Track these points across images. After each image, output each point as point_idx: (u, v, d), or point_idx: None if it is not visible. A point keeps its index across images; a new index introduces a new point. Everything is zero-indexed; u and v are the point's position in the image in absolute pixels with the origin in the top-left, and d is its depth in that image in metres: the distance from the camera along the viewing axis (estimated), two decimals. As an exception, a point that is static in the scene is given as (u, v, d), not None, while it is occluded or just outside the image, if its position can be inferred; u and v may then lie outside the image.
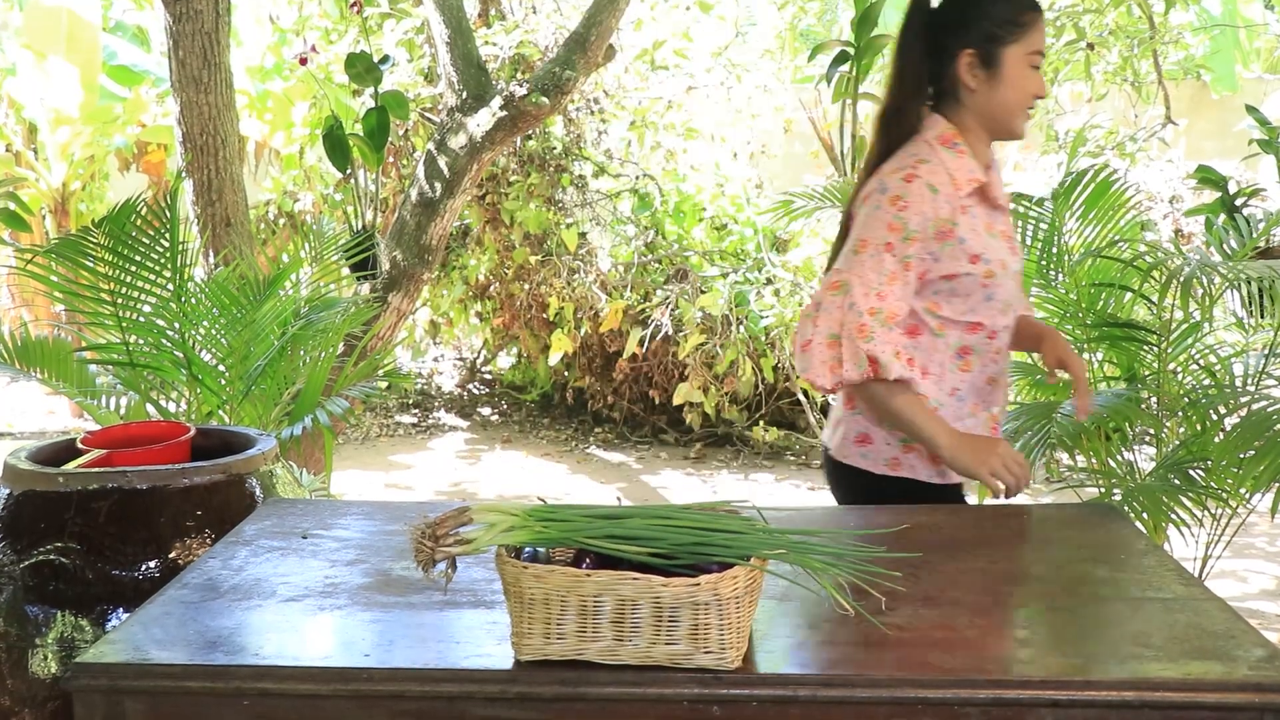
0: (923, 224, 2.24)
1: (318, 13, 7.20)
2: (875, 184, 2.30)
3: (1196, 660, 1.54)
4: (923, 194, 2.24)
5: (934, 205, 2.25)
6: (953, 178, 2.28)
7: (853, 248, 2.26)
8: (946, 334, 2.34)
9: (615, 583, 1.48)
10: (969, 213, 2.29)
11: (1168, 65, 6.92)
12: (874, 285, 2.21)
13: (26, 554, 2.28)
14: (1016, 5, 2.30)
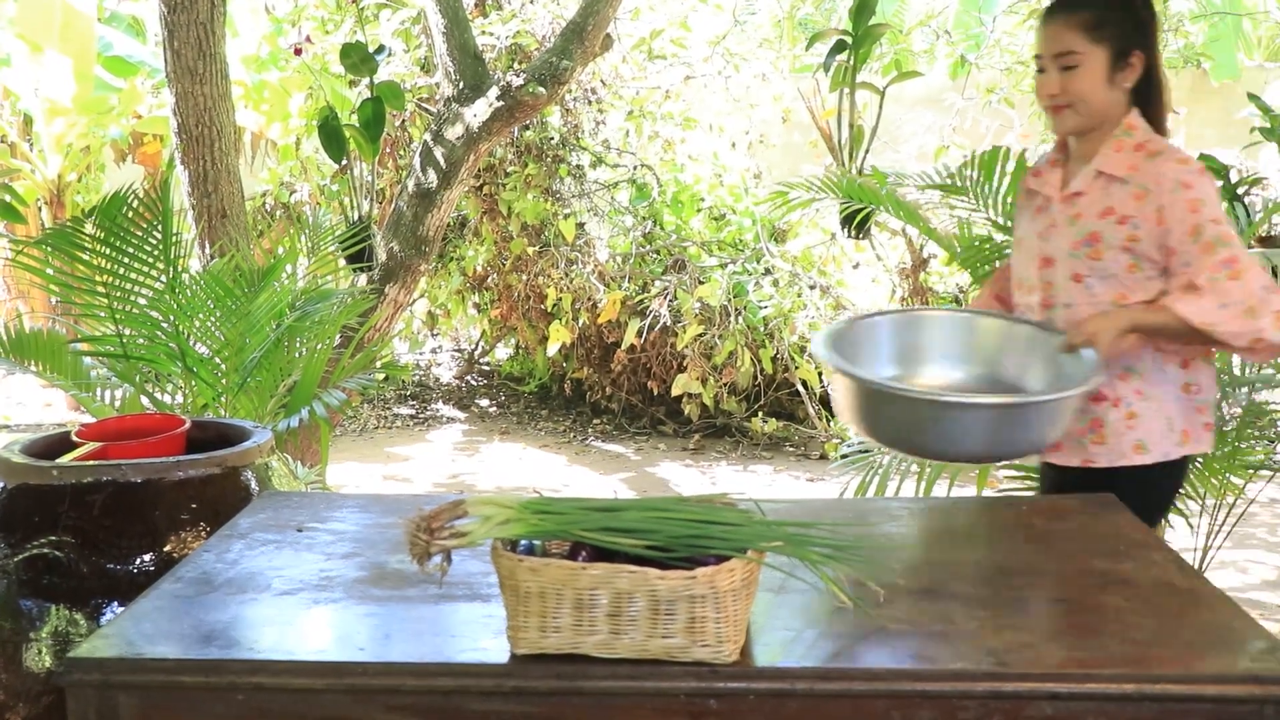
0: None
1: (313, 2, 7.18)
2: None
3: (1197, 652, 1.53)
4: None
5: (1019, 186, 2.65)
6: (1034, 167, 2.61)
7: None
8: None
9: (611, 576, 1.47)
10: (1026, 195, 2.58)
11: (1168, 53, 6.89)
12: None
13: (20, 547, 2.27)
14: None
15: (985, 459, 2.23)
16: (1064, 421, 2.23)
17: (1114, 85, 2.39)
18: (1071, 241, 2.41)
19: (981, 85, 7.48)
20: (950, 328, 2.51)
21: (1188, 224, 2.29)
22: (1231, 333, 2.25)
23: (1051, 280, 2.45)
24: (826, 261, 6.79)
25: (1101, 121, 2.42)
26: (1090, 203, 2.40)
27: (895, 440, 2.32)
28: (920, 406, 2.14)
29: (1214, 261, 2.26)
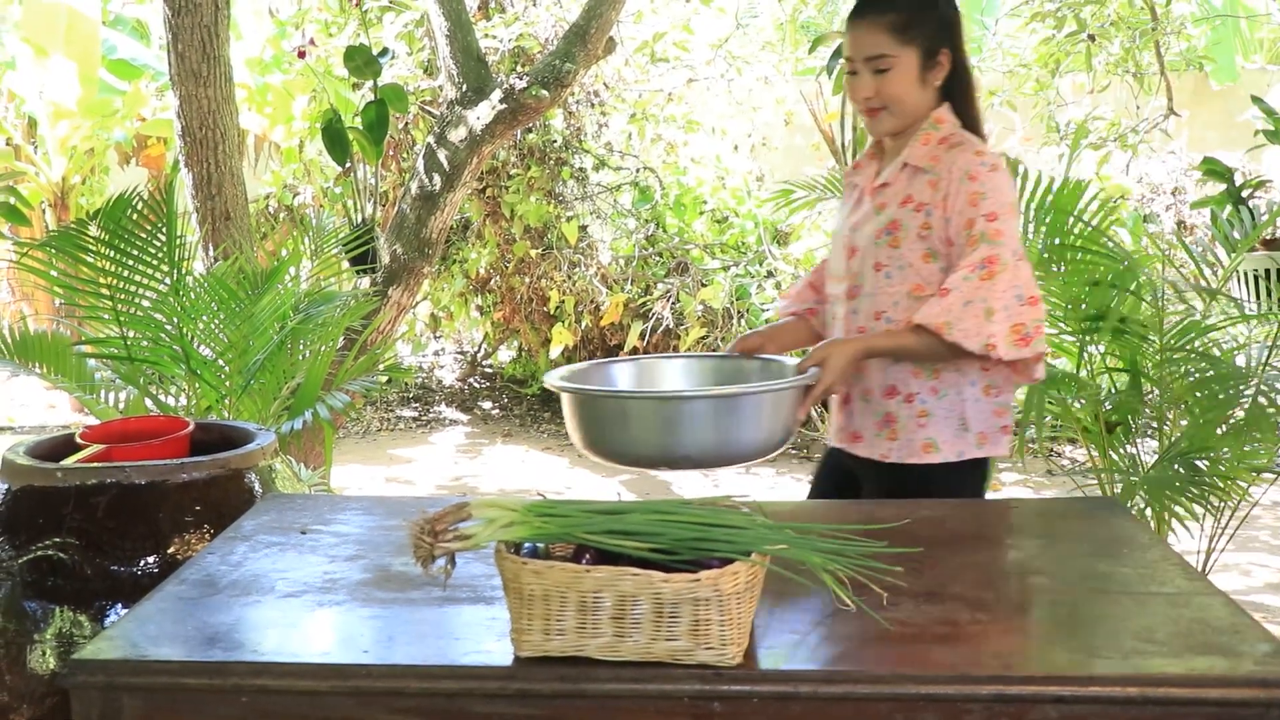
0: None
1: (317, 6, 7.19)
2: None
3: (1200, 655, 1.52)
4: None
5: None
6: (856, 161, 2.65)
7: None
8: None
9: (615, 579, 1.47)
10: (847, 189, 2.63)
11: (1170, 56, 6.89)
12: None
13: (25, 549, 2.27)
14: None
15: (710, 461, 2.17)
16: (784, 418, 2.22)
17: (925, 85, 2.40)
18: (874, 231, 2.42)
19: (984, 88, 7.48)
20: (686, 370, 2.56)
21: (965, 216, 2.31)
22: (966, 331, 2.25)
23: (856, 270, 2.46)
24: (829, 264, 6.78)
25: (915, 120, 2.43)
26: (895, 193, 2.42)
27: (622, 450, 2.22)
28: (638, 406, 2.18)
29: (974, 259, 2.27)
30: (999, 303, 2.25)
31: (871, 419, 2.45)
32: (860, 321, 2.46)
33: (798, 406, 2.26)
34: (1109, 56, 6.77)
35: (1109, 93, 7.21)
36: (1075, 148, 6.09)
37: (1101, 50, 6.69)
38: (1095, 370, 3.80)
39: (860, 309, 2.45)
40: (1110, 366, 3.83)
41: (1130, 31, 6.57)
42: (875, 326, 2.42)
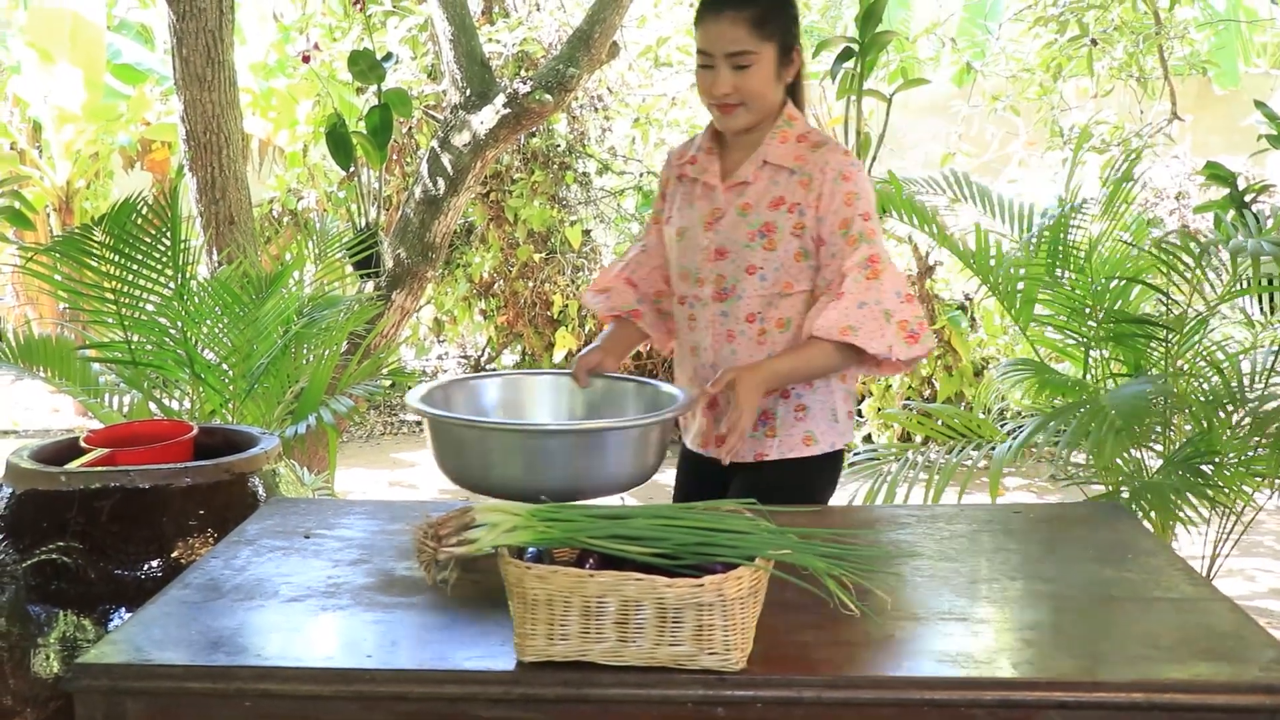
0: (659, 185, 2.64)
1: (321, 10, 7.19)
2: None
3: (1206, 661, 1.52)
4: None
5: (664, 171, 2.62)
6: (681, 151, 2.59)
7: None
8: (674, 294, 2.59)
9: (619, 584, 1.47)
10: (680, 182, 2.55)
11: (1173, 61, 6.88)
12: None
13: (29, 553, 2.28)
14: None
15: (575, 495, 2.00)
16: (648, 452, 2.14)
17: (780, 81, 2.42)
18: (746, 233, 2.40)
19: (987, 92, 7.48)
20: (555, 390, 2.46)
21: (840, 216, 2.34)
22: (870, 335, 2.27)
23: (724, 273, 2.43)
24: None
25: (765, 116, 2.43)
26: (759, 193, 2.40)
27: (480, 480, 2.10)
28: (502, 437, 2.06)
29: (857, 259, 2.31)
30: (889, 303, 2.30)
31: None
32: (731, 324, 2.44)
33: (668, 434, 2.21)
34: (1112, 61, 6.77)
35: (1112, 98, 7.21)
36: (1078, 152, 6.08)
37: (1105, 55, 6.69)
38: (1100, 375, 3.79)
39: (731, 311, 2.44)
40: (1115, 372, 3.82)
41: (1133, 36, 6.56)
42: (747, 328, 2.43)
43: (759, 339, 2.43)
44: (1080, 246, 3.75)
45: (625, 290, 2.64)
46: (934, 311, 6.36)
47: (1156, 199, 6.89)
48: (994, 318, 6.24)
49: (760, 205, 2.40)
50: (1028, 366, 3.91)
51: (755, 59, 2.35)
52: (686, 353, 2.55)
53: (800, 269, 2.39)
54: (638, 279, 2.64)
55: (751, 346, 2.43)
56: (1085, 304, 3.72)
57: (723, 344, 2.46)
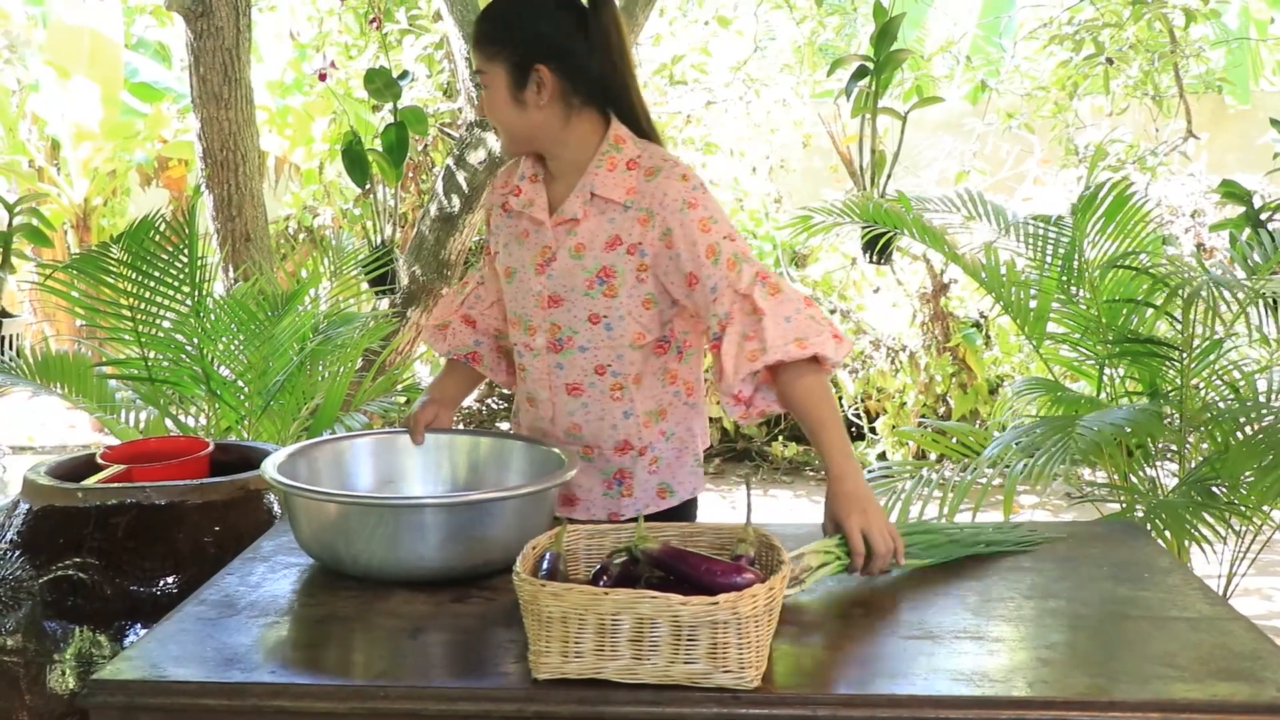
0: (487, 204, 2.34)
1: (337, 28, 7.23)
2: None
3: (1223, 681, 1.52)
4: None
5: (487, 197, 2.37)
6: (505, 177, 2.30)
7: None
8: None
9: (634, 601, 1.47)
10: (505, 214, 2.27)
11: (1188, 79, 6.87)
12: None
13: (45, 569, 2.29)
14: None
15: (445, 572, 1.86)
16: (532, 521, 1.90)
17: (523, 104, 2.10)
18: (584, 280, 2.13)
19: (1001, 110, 7.48)
20: (432, 448, 2.24)
21: (704, 245, 2.05)
22: (817, 339, 2.00)
23: (559, 322, 2.18)
24: (847, 286, 6.79)
25: (531, 141, 2.16)
26: (592, 232, 2.13)
27: (355, 559, 1.88)
28: (371, 513, 1.87)
29: (747, 280, 2.03)
30: (804, 311, 2.03)
31: (599, 478, 2.25)
32: (571, 377, 2.20)
33: (555, 502, 2.04)
34: (1127, 79, 6.76)
35: (1127, 115, 7.20)
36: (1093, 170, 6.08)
37: (1120, 73, 6.68)
38: (1114, 393, 3.78)
39: (569, 364, 2.19)
40: (1129, 390, 3.81)
41: (1149, 54, 6.56)
42: (597, 381, 2.19)
43: (614, 394, 2.19)
44: (1095, 265, 3.74)
45: (463, 329, 2.41)
46: (949, 329, 6.35)
47: (1172, 217, 6.87)
48: (1009, 335, 6.23)
49: (595, 246, 2.12)
50: (1042, 385, 3.90)
51: (488, 79, 2.12)
52: (524, 402, 2.31)
53: (651, 317, 2.15)
54: (476, 315, 2.40)
55: (605, 402, 2.20)
56: (1099, 322, 3.71)
57: (563, 398, 2.22)
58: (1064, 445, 3.24)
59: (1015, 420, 4.14)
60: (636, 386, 2.19)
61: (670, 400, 2.23)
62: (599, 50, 2.11)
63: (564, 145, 2.15)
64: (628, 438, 2.21)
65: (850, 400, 6.66)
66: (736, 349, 2.02)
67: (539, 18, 2.11)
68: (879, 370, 6.50)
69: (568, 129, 2.14)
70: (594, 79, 2.12)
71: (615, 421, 2.21)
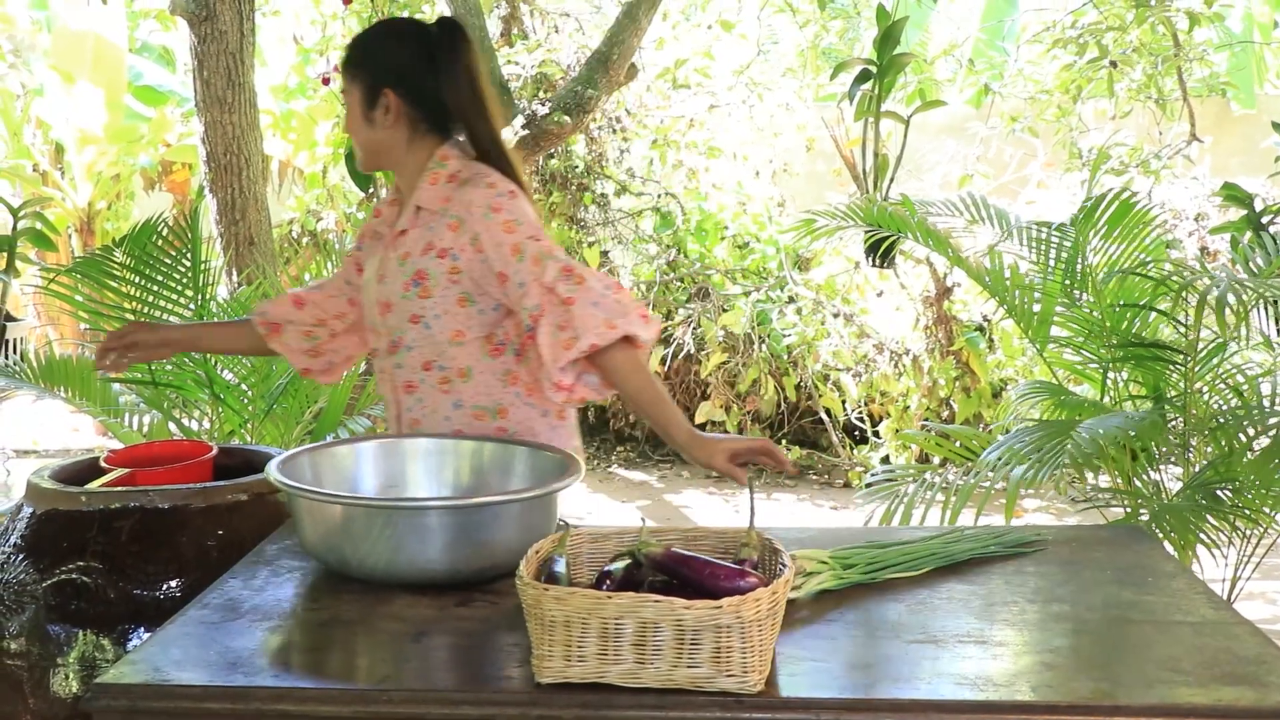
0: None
1: (341, 33, 7.24)
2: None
3: (1228, 686, 1.51)
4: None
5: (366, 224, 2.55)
6: (377, 207, 2.51)
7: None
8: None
9: (637, 605, 1.47)
10: (372, 236, 2.48)
11: (1192, 83, 6.87)
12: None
13: (49, 573, 2.29)
14: None
15: (449, 576, 1.87)
16: (535, 526, 1.91)
17: (373, 124, 2.32)
18: (403, 283, 2.31)
19: (1005, 114, 7.48)
20: (436, 452, 2.25)
21: (508, 245, 2.22)
22: (628, 320, 2.13)
23: (391, 325, 2.35)
24: (850, 290, 6.79)
25: (378, 156, 2.37)
26: (414, 240, 2.31)
27: (360, 561, 1.89)
28: (375, 515, 1.87)
29: (552, 275, 2.17)
30: (611, 295, 2.16)
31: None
32: (407, 376, 2.36)
33: (555, 508, 2.02)
34: (1131, 83, 6.76)
35: (1131, 119, 7.20)
36: (1095, 173, 6.08)
37: (1123, 77, 6.68)
38: (1118, 397, 3.78)
39: (404, 363, 2.35)
40: (1133, 394, 3.81)
41: (1152, 58, 6.56)
42: (426, 377, 2.33)
43: (441, 387, 2.34)
44: (1098, 269, 3.74)
45: (287, 306, 2.57)
46: (952, 332, 6.35)
47: (1175, 220, 6.87)
48: (1012, 339, 6.23)
49: (415, 253, 2.30)
50: (1045, 389, 3.90)
51: (348, 99, 2.35)
52: (387, 402, 2.47)
53: (468, 315, 2.30)
54: (307, 299, 2.57)
55: (435, 395, 2.34)
56: (1102, 326, 3.71)
57: (403, 396, 2.38)
58: (1060, 449, 3.22)
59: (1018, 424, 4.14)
60: (463, 380, 2.33)
61: (511, 400, 2.35)
62: (447, 79, 2.32)
63: (406, 165, 2.36)
64: (460, 429, 2.34)
65: (854, 404, 6.66)
66: (551, 339, 2.16)
67: (392, 47, 2.36)
68: (882, 374, 6.50)
69: (410, 150, 2.34)
70: (439, 105, 2.33)
71: (447, 413, 2.35)
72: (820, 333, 6.55)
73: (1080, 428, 3.30)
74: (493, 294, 2.28)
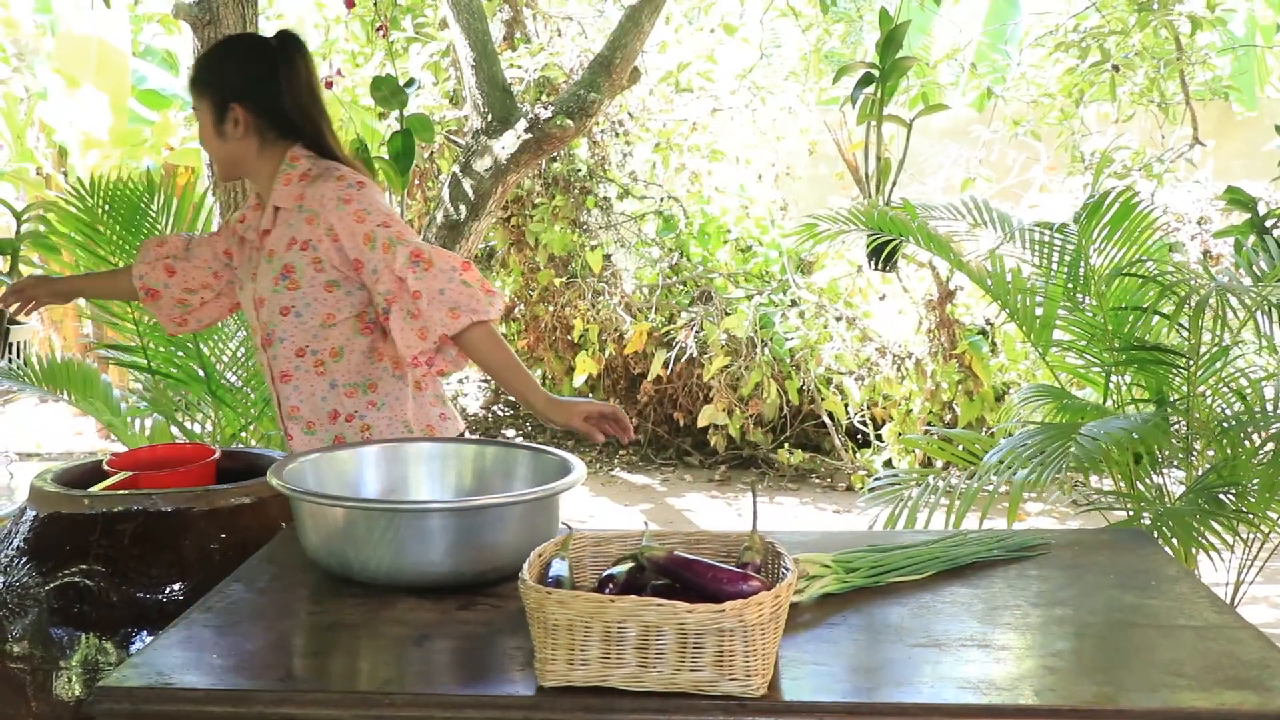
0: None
1: (344, 36, 7.25)
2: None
3: (1230, 690, 1.51)
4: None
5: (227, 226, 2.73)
6: (242, 212, 2.67)
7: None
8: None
9: (639, 609, 1.47)
10: (240, 243, 2.65)
11: (1194, 86, 6.87)
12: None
13: (52, 576, 2.29)
14: None
15: (451, 578, 1.86)
16: (538, 528, 1.92)
17: (225, 137, 2.51)
18: (272, 279, 2.51)
19: (1007, 118, 7.48)
20: (438, 456, 2.26)
21: (360, 233, 2.42)
22: (474, 305, 2.39)
23: (265, 320, 2.55)
24: (853, 293, 6.79)
25: (233, 167, 2.56)
26: (277, 238, 2.50)
27: (363, 565, 1.88)
28: (378, 517, 1.86)
29: (402, 261, 2.40)
30: (457, 277, 2.40)
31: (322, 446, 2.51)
32: (282, 366, 2.56)
33: (557, 511, 2.02)
34: (1133, 87, 6.76)
35: (1133, 122, 7.20)
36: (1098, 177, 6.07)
37: (1126, 80, 6.68)
38: (1121, 400, 3.78)
39: (279, 354, 2.55)
40: (1136, 398, 3.81)
41: (1155, 62, 6.56)
42: (299, 364, 2.54)
43: (316, 370, 2.54)
44: (1101, 272, 3.74)
45: (161, 273, 2.76)
46: (955, 336, 6.35)
47: (1178, 224, 6.87)
48: (1015, 343, 6.23)
49: (280, 249, 2.50)
50: (1048, 392, 3.90)
51: (198, 115, 2.55)
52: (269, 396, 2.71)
53: (336, 299, 2.50)
54: (177, 267, 2.76)
55: (311, 379, 2.55)
56: (1105, 330, 3.71)
57: (280, 386, 2.58)
58: (1064, 452, 3.22)
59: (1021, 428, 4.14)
60: (335, 360, 2.53)
61: (380, 375, 2.56)
62: (289, 92, 2.50)
63: (260, 171, 2.55)
64: (335, 407, 2.55)
65: (856, 407, 6.66)
66: (402, 327, 2.41)
67: (237, 64, 2.54)
68: (885, 377, 6.50)
69: (262, 157, 2.53)
70: (284, 115, 2.51)
71: (323, 394, 2.55)
72: (823, 336, 6.55)
73: (1083, 431, 3.30)
74: (354, 276, 2.48)
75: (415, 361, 2.45)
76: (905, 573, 1.93)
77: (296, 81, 2.52)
